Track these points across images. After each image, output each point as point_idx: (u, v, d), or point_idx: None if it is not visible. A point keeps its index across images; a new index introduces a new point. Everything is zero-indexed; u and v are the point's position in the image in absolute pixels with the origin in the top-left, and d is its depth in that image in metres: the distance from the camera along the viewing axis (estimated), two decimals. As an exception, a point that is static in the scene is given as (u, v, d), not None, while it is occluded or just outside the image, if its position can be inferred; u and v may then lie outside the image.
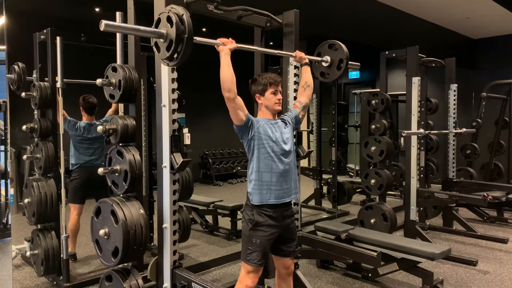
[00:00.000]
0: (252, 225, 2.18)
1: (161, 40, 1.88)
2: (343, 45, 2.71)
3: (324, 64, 2.77)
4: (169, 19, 1.83)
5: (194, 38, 1.85)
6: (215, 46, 2.10)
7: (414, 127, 4.17)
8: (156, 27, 1.91)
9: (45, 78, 3.26)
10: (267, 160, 2.17)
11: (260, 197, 2.18)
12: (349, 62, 2.73)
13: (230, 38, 2.13)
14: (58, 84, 3.16)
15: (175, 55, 1.85)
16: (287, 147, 2.23)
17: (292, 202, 2.36)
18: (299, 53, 2.56)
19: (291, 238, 2.32)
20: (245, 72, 2.40)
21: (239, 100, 2.09)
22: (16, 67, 3.34)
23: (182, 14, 1.80)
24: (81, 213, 3.75)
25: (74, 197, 3.71)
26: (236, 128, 2.18)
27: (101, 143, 3.85)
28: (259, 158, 2.18)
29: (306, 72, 2.53)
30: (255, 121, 2.19)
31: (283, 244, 2.30)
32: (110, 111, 3.97)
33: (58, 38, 3.14)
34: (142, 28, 1.89)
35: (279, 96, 2.27)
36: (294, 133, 2.57)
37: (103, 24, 1.72)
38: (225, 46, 2.09)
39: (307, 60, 2.56)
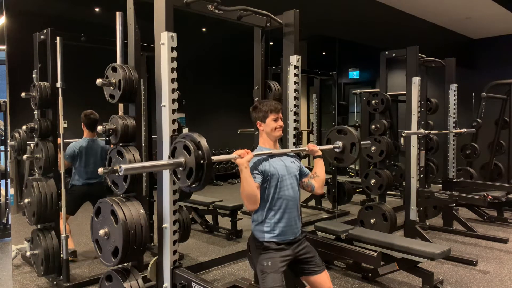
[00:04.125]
0: (261, 250, 2.16)
1: (180, 168, 1.88)
2: (352, 131, 2.68)
3: (337, 150, 2.72)
4: (186, 148, 1.83)
5: (212, 157, 1.83)
6: (232, 160, 2.03)
7: (414, 127, 4.17)
8: (173, 155, 1.92)
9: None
10: (273, 197, 2.17)
11: (266, 235, 2.17)
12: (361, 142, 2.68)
13: (245, 149, 2.06)
14: (58, 84, 3.17)
15: (197, 182, 1.84)
16: (294, 184, 2.24)
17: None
18: (311, 146, 2.45)
19: (309, 257, 2.26)
20: (245, 72, 2.39)
21: (258, 204, 2.11)
22: (16, 134, 3.40)
23: (199, 142, 1.79)
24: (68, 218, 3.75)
25: (67, 208, 3.52)
26: None
27: (99, 162, 3.82)
28: (265, 195, 2.17)
29: (318, 165, 2.39)
30: (264, 173, 2.15)
31: (304, 264, 2.25)
32: None
33: (58, 38, 3.15)
34: (160, 163, 1.94)
35: (280, 123, 2.26)
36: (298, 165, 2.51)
37: (123, 170, 1.72)
38: (243, 159, 2.01)
39: (320, 153, 2.43)
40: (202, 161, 1.77)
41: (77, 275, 3.48)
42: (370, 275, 3.40)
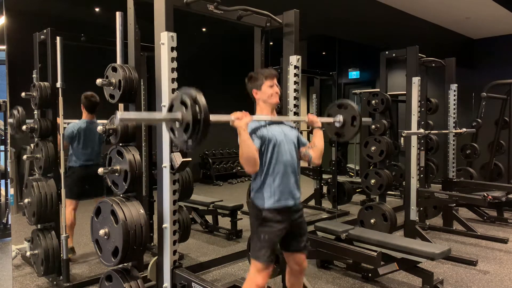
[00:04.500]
0: (260, 221, 2.16)
1: (177, 124, 1.86)
2: (351, 103, 2.68)
3: (337, 125, 2.72)
4: (183, 102, 1.82)
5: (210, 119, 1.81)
6: (230, 122, 2.01)
7: (414, 127, 4.17)
8: (170, 111, 1.90)
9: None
10: (276, 164, 2.17)
11: (264, 201, 2.16)
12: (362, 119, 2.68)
13: (243, 111, 2.04)
14: (58, 84, 3.17)
15: (194, 137, 1.81)
16: (292, 153, 2.23)
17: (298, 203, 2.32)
18: (311, 116, 2.44)
19: (301, 232, 2.30)
20: (245, 72, 2.39)
21: (258, 166, 2.09)
22: (15, 111, 3.38)
23: (196, 96, 1.79)
24: (76, 208, 3.77)
25: (69, 192, 3.64)
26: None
27: (97, 144, 3.84)
28: (268, 163, 2.17)
29: (317, 135, 2.38)
30: (262, 138, 2.14)
31: (293, 239, 2.28)
32: None
33: (58, 38, 3.14)
34: (157, 116, 1.90)
35: (276, 89, 2.25)
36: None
37: (118, 118, 1.68)
38: (241, 121, 1.99)
39: (319, 124, 2.42)
40: (199, 115, 1.76)
41: (77, 275, 3.48)
42: (370, 275, 3.40)
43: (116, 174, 2.23)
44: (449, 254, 3.23)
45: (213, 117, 1.83)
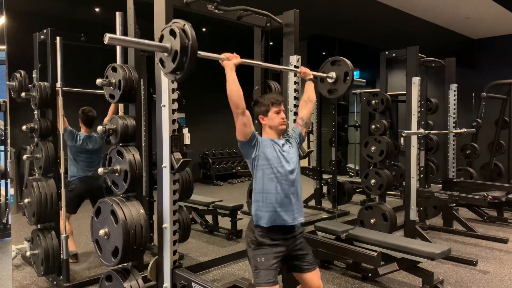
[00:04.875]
0: (255, 246, 2.14)
1: (166, 54, 1.86)
2: (345, 59, 2.70)
3: (329, 80, 2.74)
4: (172, 32, 1.83)
5: (199, 52, 1.83)
6: (220, 61, 2.06)
7: (414, 127, 4.17)
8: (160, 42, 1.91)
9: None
10: (272, 181, 2.13)
11: (264, 219, 2.13)
12: (355, 79, 2.70)
13: (234, 53, 2.09)
14: (58, 84, 3.17)
15: (181, 66, 1.82)
16: (292, 168, 2.18)
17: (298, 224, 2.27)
18: (304, 69, 2.53)
19: (303, 254, 2.25)
20: (245, 72, 2.39)
21: (248, 115, 2.07)
22: (18, 74, 3.35)
23: (184, 24, 1.79)
24: (70, 216, 3.74)
25: (68, 206, 3.52)
26: (240, 145, 2.15)
27: (99, 156, 3.83)
28: (263, 179, 2.14)
29: (310, 87, 2.48)
30: (260, 141, 2.15)
31: (296, 260, 2.24)
32: (110, 112, 3.97)
33: (58, 38, 3.14)
34: (146, 41, 1.88)
35: (282, 115, 2.24)
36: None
37: (107, 37, 1.71)
38: (230, 61, 2.04)
39: (311, 76, 2.52)
40: (187, 43, 1.77)
41: (77, 275, 3.48)
42: (370, 275, 3.40)
43: (116, 174, 2.23)
44: (449, 254, 3.23)
45: (202, 53, 1.89)
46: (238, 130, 2.09)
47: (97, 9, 5.47)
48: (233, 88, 2.02)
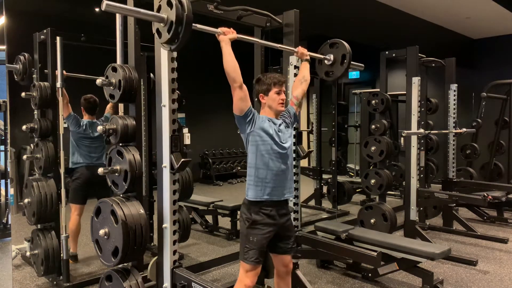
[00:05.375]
0: (249, 224, 2.19)
1: (162, 24, 1.94)
2: (343, 42, 2.73)
3: (327, 62, 2.78)
4: (169, 3, 1.90)
5: (195, 24, 1.90)
6: (216, 35, 2.12)
7: (414, 127, 4.17)
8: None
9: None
10: (265, 157, 2.18)
11: (255, 193, 2.19)
12: (352, 63, 2.74)
13: (231, 28, 2.16)
14: (58, 84, 3.17)
15: (176, 36, 1.89)
16: (286, 147, 2.24)
17: (288, 201, 2.35)
18: (301, 49, 2.61)
19: (288, 235, 2.32)
20: (245, 72, 2.39)
21: (244, 89, 2.11)
22: (22, 57, 3.36)
23: None
24: (82, 213, 3.74)
25: (75, 197, 3.70)
26: (236, 119, 2.20)
27: (102, 142, 3.85)
28: (257, 155, 2.19)
29: (305, 67, 2.57)
30: (256, 117, 2.19)
31: (280, 241, 2.30)
32: (108, 107, 3.99)
33: (58, 38, 3.14)
34: (143, 11, 1.95)
35: (283, 96, 2.27)
36: (294, 133, 2.57)
37: (105, 4, 1.75)
38: (226, 36, 2.11)
39: (308, 57, 2.60)
40: (182, 13, 1.84)
41: (77, 275, 3.48)
42: (370, 275, 3.40)
43: (116, 174, 2.23)
44: (449, 254, 3.23)
45: (199, 26, 1.96)
46: (235, 104, 2.13)
47: (97, 9, 5.47)
48: (229, 62, 2.06)
